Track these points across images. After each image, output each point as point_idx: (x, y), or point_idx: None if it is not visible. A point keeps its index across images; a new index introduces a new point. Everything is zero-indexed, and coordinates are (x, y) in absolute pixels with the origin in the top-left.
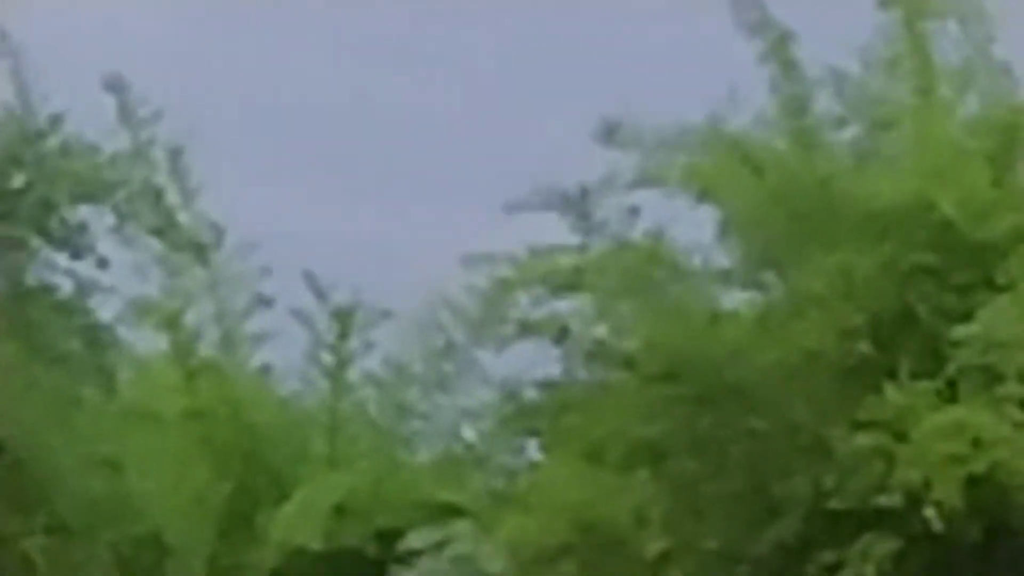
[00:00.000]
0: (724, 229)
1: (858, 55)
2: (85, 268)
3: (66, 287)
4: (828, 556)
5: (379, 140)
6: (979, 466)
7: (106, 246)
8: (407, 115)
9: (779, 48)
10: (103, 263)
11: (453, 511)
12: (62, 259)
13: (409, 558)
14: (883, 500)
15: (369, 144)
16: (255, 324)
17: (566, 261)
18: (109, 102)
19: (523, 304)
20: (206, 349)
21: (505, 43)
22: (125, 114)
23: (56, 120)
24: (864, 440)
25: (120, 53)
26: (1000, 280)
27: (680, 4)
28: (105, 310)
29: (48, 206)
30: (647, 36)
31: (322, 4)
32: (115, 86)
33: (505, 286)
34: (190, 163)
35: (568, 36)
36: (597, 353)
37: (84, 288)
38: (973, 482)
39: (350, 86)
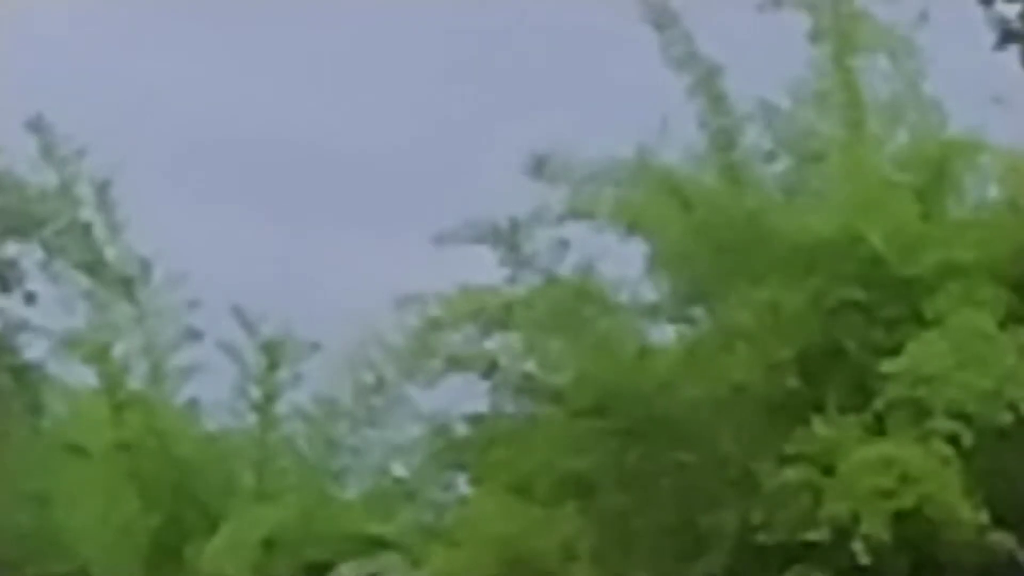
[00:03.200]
0: (653, 263)
1: (788, 89)
2: (13, 305)
3: None
4: None
5: (312, 172)
6: (907, 500)
7: (34, 282)
8: (342, 147)
9: (707, 82)
10: (31, 298)
11: (382, 544)
12: None
13: None
14: (811, 534)
15: (302, 176)
16: (183, 357)
17: (495, 299)
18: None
19: (453, 340)
20: (134, 382)
21: (440, 75)
22: (48, 153)
23: None
24: (792, 474)
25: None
26: (928, 315)
27: (608, 37)
28: (33, 347)
29: None
30: (580, 69)
31: (253, 31)
32: (37, 126)
33: (435, 324)
34: (117, 196)
35: (502, 69)
36: (525, 387)
37: (12, 325)
38: (901, 516)
39: (283, 116)
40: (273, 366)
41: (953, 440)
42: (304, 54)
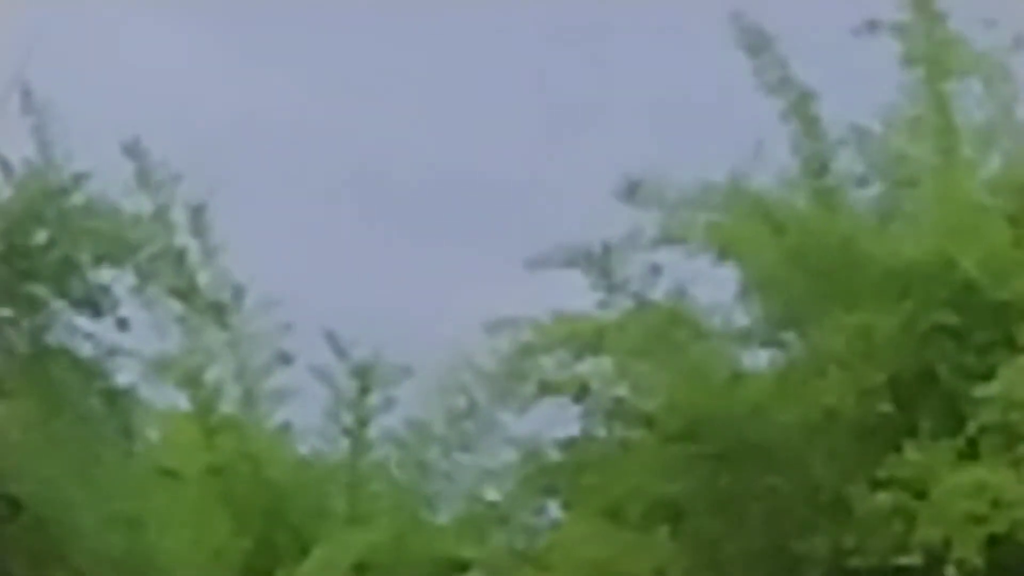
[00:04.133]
0: (745, 288)
1: (880, 114)
2: (105, 330)
3: (86, 348)
4: None
5: (403, 194)
6: (999, 526)
7: (126, 307)
8: (436, 168)
9: (801, 106)
10: (124, 324)
11: (474, 569)
12: (82, 320)
13: None
14: (903, 559)
15: (394, 198)
16: (275, 381)
17: (587, 324)
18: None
19: (545, 365)
20: (227, 407)
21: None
22: (144, 178)
23: (79, 178)
24: (884, 499)
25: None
26: (1020, 340)
27: (703, 60)
28: (125, 372)
29: (70, 265)
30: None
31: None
32: (133, 151)
33: (527, 350)
34: (211, 220)
35: (590, 93)
36: (617, 412)
37: (105, 351)
38: (993, 541)
39: (374, 137)
40: (365, 390)
41: None
42: (393, 74)
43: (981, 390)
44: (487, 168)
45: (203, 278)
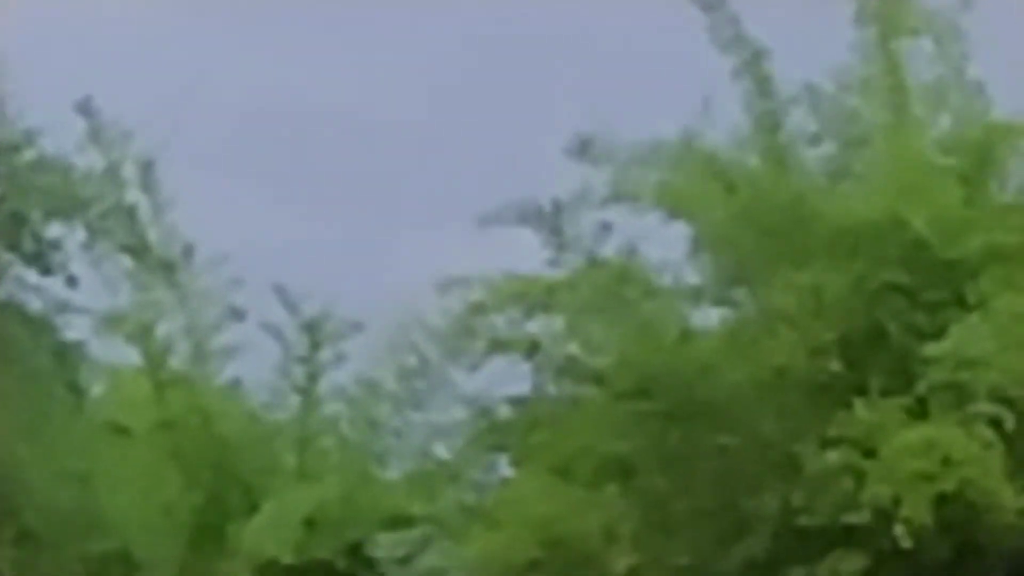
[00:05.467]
0: (696, 246)
1: (832, 73)
2: (55, 286)
3: (36, 304)
4: (797, 573)
5: (355, 152)
6: (948, 484)
7: (76, 263)
8: (387, 127)
9: (753, 65)
10: (72, 281)
11: (423, 525)
12: (32, 275)
13: (380, 570)
14: (852, 517)
15: (345, 156)
16: (226, 337)
17: (538, 282)
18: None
19: (496, 323)
20: (177, 363)
21: (482, 53)
22: (95, 136)
23: (31, 135)
24: (833, 457)
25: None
26: (971, 298)
27: (655, 16)
28: (75, 328)
29: (20, 220)
30: (622, 46)
31: (298, 9)
32: (85, 109)
33: (478, 308)
34: (161, 176)
35: (544, 47)
36: (568, 370)
37: (54, 306)
38: (942, 500)
39: (326, 95)
40: (315, 346)
41: (995, 424)
42: (343, 30)
43: (931, 349)
44: (437, 125)
45: (153, 234)
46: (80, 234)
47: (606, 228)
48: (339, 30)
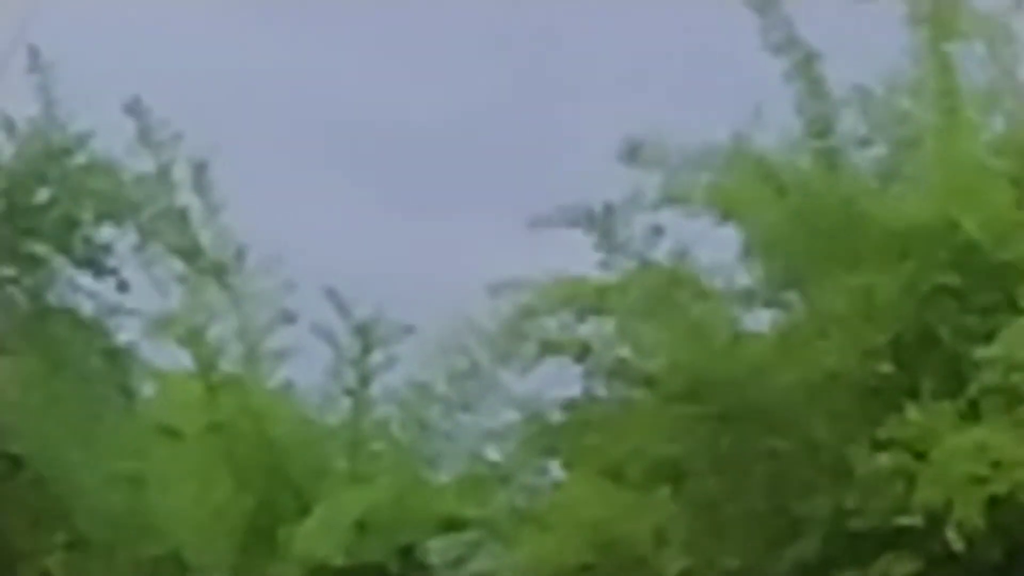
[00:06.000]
0: (747, 249)
1: (884, 76)
2: (106, 289)
3: (87, 307)
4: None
5: (405, 155)
6: (1000, 487)
7: (128, 266)
8: (436, 130)
9: (805, 67)
10: (124, 286)
11: (474, 528)
12: (84, 279)
13: (431, 573)
14: (904, 520)
15: (394, 159)
16: (277, 340)
17: (589, 285)
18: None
19: (547, 326)
20: (228, 365)
21: (534, 54)
22: (145, 137)
23: (82, 137)
24: (885, 460)
25: (146, 67)
26: (1022, 301)
27: (706, 19)
28: (126, 331)
29: (71, 224)
30: (672, 51)
31: (351, 9)
32: (135, 110)
33: (529, 312)
34: (214, 177)
35: (593, 51)
36: (619, 373)
37: (105, 309)
38: (994, 503)
39: (379, 98)
40: (367, 349)
41: None
42: (403, 35)
43: (982, 352)
44: (490, 130)
45: (205, 237)
46: (132, 237)
47: (657, 231)
48: (394, 28)
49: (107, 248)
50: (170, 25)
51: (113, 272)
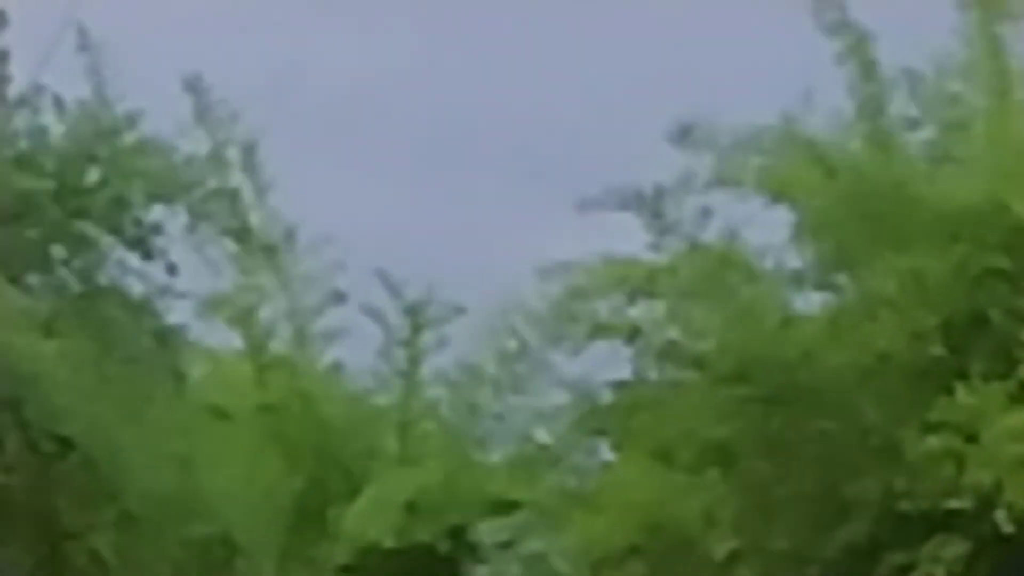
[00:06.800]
0: (797, 230)
1: (934, 57)
2: (156, 270)
3: (137, 288)
4: (898, 558)
5: (458, 137)
6: None
7: (177, 247)
8: (489, 113)
9: (858, 49)
10: (173, 269)
11: (525, 509)
12: (133, 260)
13: (481, 554)
14: (954, 502)
15: (447, 141)
16: (327, 321)
17: (639, 267)
18: (186, 100)
19: (597, 308)
20: (279, 346)
21: (580, 43)
22: (202, 115)
23: (133, 117)
24: (935, 442)
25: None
26: None
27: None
28: (176, 313)
29: (122, 204)
30: (723, 33)
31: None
32: (194, 86)
33: (579, 293)
34: (264, 158)
35: (644, 33)
36: (669, 354)
37: (155, 290)
38: None
39: (428, 83)
40: (417, 329)
41: None
42: (450, 19)
43: None
44: (539, 112)
45: (255, 218)
46: (182, 218)
47: (707, 213)
48: (448, 5)
49: (157, 229)
50: (219, 5)
51: (163, 254)
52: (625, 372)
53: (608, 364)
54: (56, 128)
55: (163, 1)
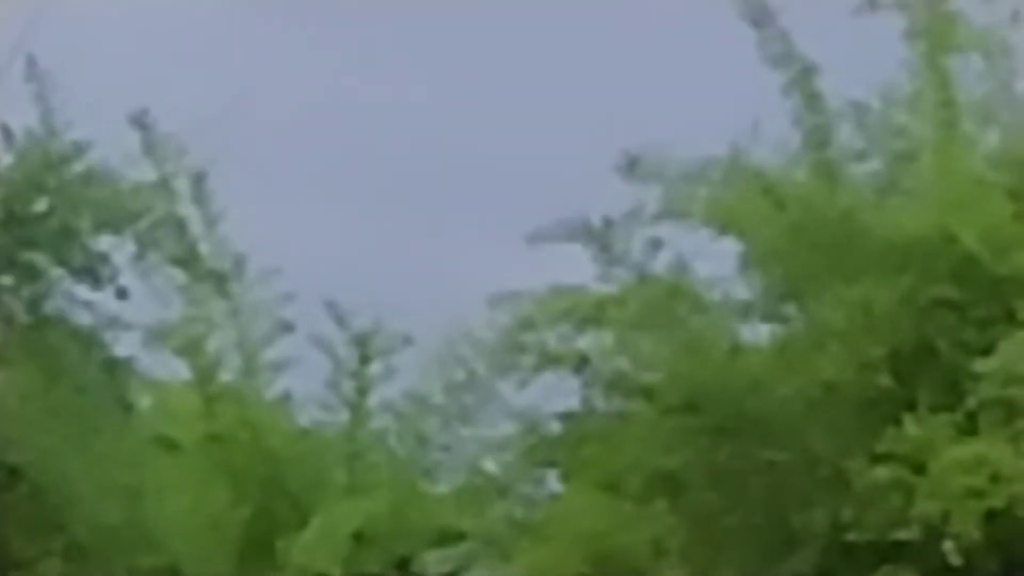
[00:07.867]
0: (745, 262)
1: (881, 89)
2: (104, 300)
3: (85, 317)
4: None
5: (402, 168)
6: (998, 500)
7: (125, 276)
8: (435, 143)
9: (803, 80)
10: (123, 293)
11: (472, 539)
12: (81, 290)
13: None
14: (902, 533)
15: (392, 172)
16: (276, 350)
17: (588, 297)
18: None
19: (545, 338)
20: (227, 376)
21: (531, 70)
22: (149, 148)
23: (80, 147)
24: (883, 473)
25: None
26: (1020, 314)
27: (704, 33)
28: (124, 342)
29: (70, 233)
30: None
31: (357, 26)
32: (140, 122)
33: (528, 323)
34: (213, 188)
35: (591, 66)
36: (617, 385)
37: (103, 320)
38: (992, 516)
39: (375, 111)
40: (365, 359)
41: None
42: (401, 34)
43: (981, 364)
44: (488, 144)
45: (204, 247)
46: (130, 247)
47: (656, 244)
48: (397, 33)
49: (105, 257)
50: (168, 32)
51: (111, 282)
52: (573, 402)
53: (556, 394)
54: (3, 157)
55: (112, 30)
